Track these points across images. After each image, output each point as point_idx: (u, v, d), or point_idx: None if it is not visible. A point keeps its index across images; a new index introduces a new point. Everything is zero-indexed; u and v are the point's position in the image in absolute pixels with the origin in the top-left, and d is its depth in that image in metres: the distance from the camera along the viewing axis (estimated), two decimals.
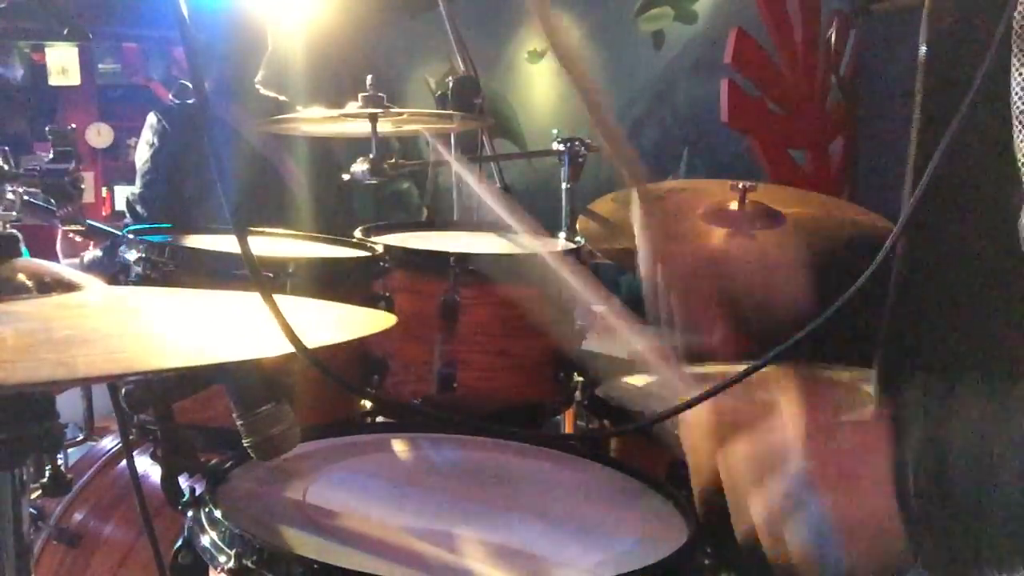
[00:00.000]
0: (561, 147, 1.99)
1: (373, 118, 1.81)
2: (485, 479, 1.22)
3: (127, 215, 2.76)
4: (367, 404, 1.61)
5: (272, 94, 2.84)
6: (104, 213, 7.87)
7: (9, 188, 1.13)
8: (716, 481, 0.84)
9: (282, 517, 1.03)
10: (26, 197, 1.20)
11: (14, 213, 1.12)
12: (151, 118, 2.76)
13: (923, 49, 0.86)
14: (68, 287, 0.90)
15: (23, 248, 0.91)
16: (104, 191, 8.04)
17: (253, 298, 0.91)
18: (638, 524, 1.10)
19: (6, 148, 1.11)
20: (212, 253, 1.50)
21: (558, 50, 1.01)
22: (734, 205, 1.81)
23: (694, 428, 0.90)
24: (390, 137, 2.27)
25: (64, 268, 0.92)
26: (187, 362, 0.76)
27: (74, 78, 7.44)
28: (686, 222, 1.84)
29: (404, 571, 0.94)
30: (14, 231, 0.91)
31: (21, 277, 0.88)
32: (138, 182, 2.75)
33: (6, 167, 1.11)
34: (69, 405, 1.03)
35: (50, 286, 0.89)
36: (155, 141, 2.72)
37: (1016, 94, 0.73)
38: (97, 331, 0.82)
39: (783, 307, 1.07)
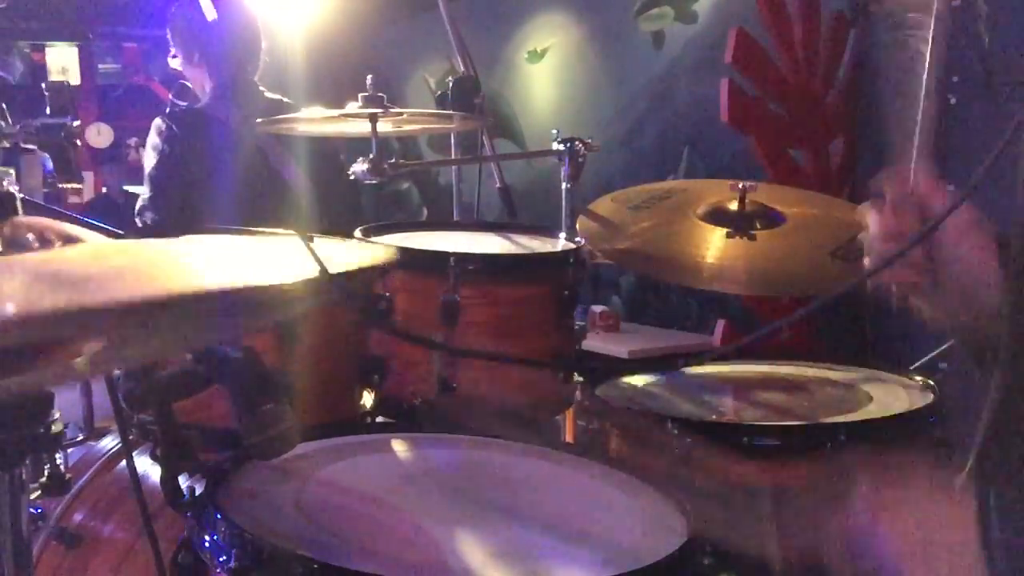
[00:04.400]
0: (561, 147, 1.98)
1: (373, 118, 1.81)
2: (485, 479, 1.22)
3: (137, 222, 2.74)
4: (367, 404, 1.60)
5: (277, 96, 2.83)
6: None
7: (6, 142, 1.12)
8: None
9: (282, 517, 1.03)
10: (23, 196, 1.19)
11: (11, 170, 1.11)
12: (158, 123, 2.75)
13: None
14: (71, 242, 0.89)
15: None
16: (104, 191, 8.05)
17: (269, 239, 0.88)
18: (638, 524, 1.10)
19: (3, 105, 1.09)
20: None
21: None
22: (734, 205, 1.82)
23: None
24: (390, 137, 2.27)
25: (67, 225, 0.92)
26: (219, 285, 0.71)
27: (74, 78, 7.44)
28: (686, 221, 1.84)
29: (404, 571, 0.94)
30: (11, 189, 0.90)
31: (25, 235, 0.87)
32: (147, 189, 2.73)
33: (3, 124, 1.10)
34: (69, 405, 1.03)
35: (52, 243, 0.88)
36: (163, 146, 2.71)
37: None
38: (119, 268, 0.79)
39: None
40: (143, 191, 2.74)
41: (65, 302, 0.59)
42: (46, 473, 1.08)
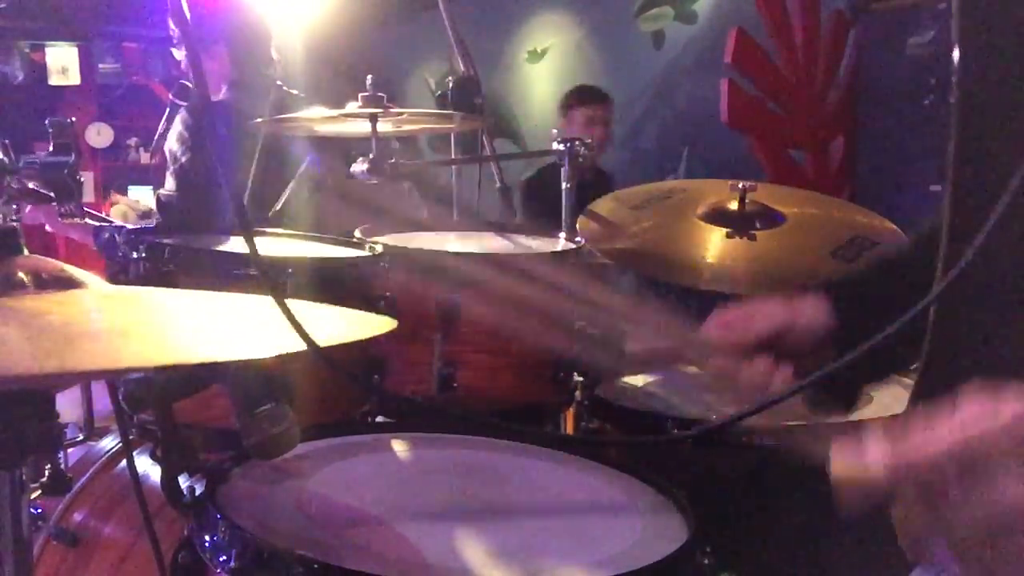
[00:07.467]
0: (561, 147, 1.99)
1: (373, 118, 1.81)
2: (484, 479, 1.22)
3: (158, 214, 2.74)
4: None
5: (295, 91, 2.83)
6: (104, 213, 7.86)
7: (9, 179, 1.12)
8: None
9: (282, 517, 1.03)
10: (21, 184, 1.19)
11: (14, 206, 1.12)
12: (184, 116, 2.75)
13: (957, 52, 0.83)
14: (67, 284, 0.90)
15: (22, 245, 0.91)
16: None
17: (253, 299, 0.91)
18: (638, 524, 1.10)
19: (6, 141, 1.10)
20: (212, 253, 1.50)
21: None
22: (734, 205, 1.82)
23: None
24: (391, 137, 2.27)
25: (65, 265, 0.92)
26: (191, 359, 0.76)
27: (74, 78, 7.44)
28: (686, 221, 1.84)
29: (403, 571, 0.94)
30: (14, 225, 0.91)
31: (20, 275, 0.88)
32: (174, 182, 2.73)
33: (6, 160, 1.10)
34: (69, 405, 1.03)
35: (47, 283, 0.89)
36: (192, 140, 2.71)
37: None
38: (99, 328, 0.82)
39: None
40: (168, 184, 2.74)
41: (58, 367, 0.66)
42: (46, 473, 1.08)
